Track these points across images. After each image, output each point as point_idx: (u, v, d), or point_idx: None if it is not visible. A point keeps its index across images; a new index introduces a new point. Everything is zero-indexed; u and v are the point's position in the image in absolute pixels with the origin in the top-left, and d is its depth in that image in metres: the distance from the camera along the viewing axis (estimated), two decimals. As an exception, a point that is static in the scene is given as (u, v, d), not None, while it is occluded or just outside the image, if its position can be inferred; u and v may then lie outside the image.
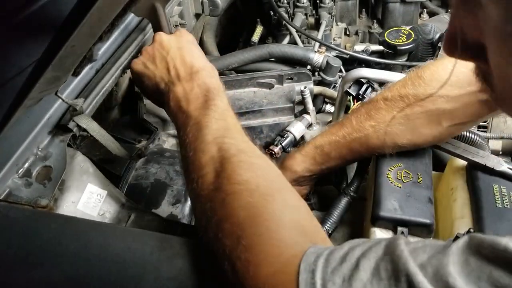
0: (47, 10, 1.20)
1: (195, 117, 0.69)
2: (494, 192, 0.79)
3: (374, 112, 0.82)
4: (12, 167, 0.79)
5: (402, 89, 0.79)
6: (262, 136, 1.19)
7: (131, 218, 0.79)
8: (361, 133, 0.83)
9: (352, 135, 0.84)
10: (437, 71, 0.77)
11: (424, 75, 0.78)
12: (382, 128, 0.81)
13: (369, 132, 0.83)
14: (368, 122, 0.83)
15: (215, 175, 0.61)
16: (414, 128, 0.80)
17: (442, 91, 0.75)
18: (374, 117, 0.82)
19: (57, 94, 0.87)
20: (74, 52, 0.77)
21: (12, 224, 0.72)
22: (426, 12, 1.73)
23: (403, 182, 0.82)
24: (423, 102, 0.77)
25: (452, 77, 0.74)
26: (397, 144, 0.82)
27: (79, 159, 0.86)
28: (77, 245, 0.68)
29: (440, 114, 0.78)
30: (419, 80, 0.78)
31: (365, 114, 0.83)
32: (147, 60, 0.83)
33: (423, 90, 0.77)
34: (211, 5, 1.37)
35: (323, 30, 1.46)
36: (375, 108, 0.82)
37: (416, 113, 0.79)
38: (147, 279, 0.63)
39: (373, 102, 0.83)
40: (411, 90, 0.78)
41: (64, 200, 0.80)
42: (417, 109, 0.78)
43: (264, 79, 1.19)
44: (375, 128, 0.82)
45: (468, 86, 0.74)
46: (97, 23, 0.76)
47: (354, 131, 0.84)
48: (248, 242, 0.52)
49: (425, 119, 0.79)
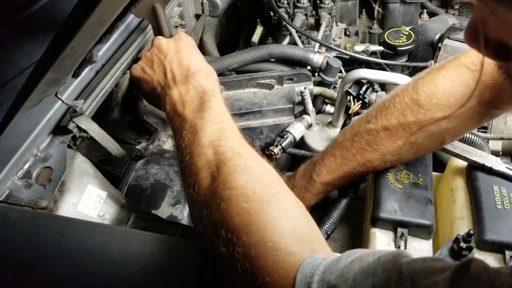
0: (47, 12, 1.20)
1: (191, 120, 0.69)
2: (494, 193, 0.79)
3: (376, 145, 0.81)
4: (12, 168, 0.79)
5: (401, 118, 0.78)
6: (262, 137, 1.19)
7: (131, 219, 0.79)
8: (369, 165, 0.83)
9: (359, 170, 0.84)
10: (434, 94, 0.76)
11: (421, 101, 0.76)
12: (389, 158, 0.82)
13: (376, 163, 0.83)
14: (373, 155, 0.82)
15: (211, 179, 0.60)
16: (419, 150, 0.81)
17: (443, 113, 0.75)
18: (378, 150, 0.81)
19: (57, 95, 0.87)
20: (74, 54, 0.76)
21: (12, 225, 0.72)
22: (426, 13, 1.73)
23: (403, 183, 0.82)
24: (426, 127, 0.77)
25: (450, 98, 0.75)
26: (400, 162, 0.85)
27: (79, 160, 0.86)
28: (77, 246, 0.68)
29: (443, 133, 0.79)
30: (418, 108, 0.76)
31: (368, 147, 0.82)
32: (145, 65, 0.83)
33: (423, 116, 0.76)
34: (211, 6, 1.37)
35: (323, 31, 1.46)
36: (377, 140, 0.81)
37: (421, 137, 0.79)
38: (147, 280, 0.63)
39: (372, 133, 0.81)
40: (412, 118, 0.77)
41: (64, 201, 0.80)
42: (421, 135, 0.78)
43: (264, 80, 1.19)
44: (383, 160, 0.82)
45: (467, 102, 0.74)
46: (97, 25, 0.76)
47: (361, 165, 0.83)
48: (244, 250, 0.52)
49: (429, 141, 0.80)
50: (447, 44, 1.19)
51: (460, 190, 0.85)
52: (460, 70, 0.76)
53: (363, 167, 0.83)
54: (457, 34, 1.20)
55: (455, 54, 1.15)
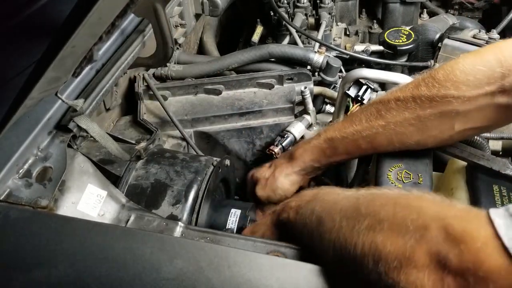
0: (47, 11, 1.20)
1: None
2: (494, 193, 0.79)
3: (384, 112, 0.81)
4: (12, 168, 0.79)
5: (415, 90, 0.77)
6: (263, 137, 1.19)
7: (131, 219, 0.79)
8: (370, 131, 0.83)
9: (361, 133, 0.84)
10: (452, 71, 0.74)
11: (437, 76, 0.75)
12: (392, 128, 0.80)
13: (379, 131, 0.82)
14: (378, 122, 0.82)
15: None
16: (425, 130, 0.79)
17: (458, 92, 0.73)
18: (384, 117, 0.81)
19: (57, 94, 0.87)
20: (74, 53, 0.77)
21: (12, 225, 0.72)
22: (426, 12, 1.74)
23: (404, 183, 0.82)
24: (437, 103, 0.75)
25: (469, 76, 0.72)
26: (404, 144, 0.82)
27: (79, 159, 0.86)
28: (77, 245, 0.68)
29: (453, 116, 0.75)
30: (433, 81, 0.75)
31: (375, 113, 0.82)
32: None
33: (437, 91, 0.74)
34: (211, 6, 1.37)
35: (323, 30, 1.46)
36: (386, 108, 0.81)
37: (428, 114, 0.76)
38: (147, 279, 0.63)
39: (384, 102, 0.82)
40: (425, 92, 0.76)
41: (64, 201, 0.79)
42: (429, 111, 0.76)
43: (264, 80, 1.19)
44: (385, 128, 0.81)
45: (487, 85, 0.71)
46: (97, 24, 0.76)
47: (363, 129, 0.83)
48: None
49: (437, 121, 0.77)
50: (447, 44, 1.19)
51: (460, 190, 0.85)
52: (484, 52, 0.74)
53: (366, 131, 0.83)
54: (457, 34, 1.20)
55: (455, 54, 1.17)
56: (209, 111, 1.17)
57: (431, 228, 0.49)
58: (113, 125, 1.18)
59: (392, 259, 0.50)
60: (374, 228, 0.54)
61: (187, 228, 0.75)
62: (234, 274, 0.62)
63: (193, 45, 1.55)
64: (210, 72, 1.26)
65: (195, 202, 0.89)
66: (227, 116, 1.17)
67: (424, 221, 0.50)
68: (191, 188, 0.90)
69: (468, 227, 0.47)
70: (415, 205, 0.54)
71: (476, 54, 0.75)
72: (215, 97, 1.19)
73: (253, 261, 0.64)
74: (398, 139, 0.82)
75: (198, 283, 0.62)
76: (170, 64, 1.26)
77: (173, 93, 1.19)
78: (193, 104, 1.18)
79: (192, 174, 0.92)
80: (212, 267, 0.63)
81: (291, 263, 0.65)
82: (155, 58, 1.16)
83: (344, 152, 0.89)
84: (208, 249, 0.66)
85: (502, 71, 0.70)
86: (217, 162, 0.96)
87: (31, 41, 1.19)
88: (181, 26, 1.37)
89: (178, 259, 0.64)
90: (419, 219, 0.51)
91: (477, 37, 1.18)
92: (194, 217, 0.87)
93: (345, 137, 0.86)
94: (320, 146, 0.91)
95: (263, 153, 1.17)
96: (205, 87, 1.19)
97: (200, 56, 1.41)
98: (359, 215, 0.57)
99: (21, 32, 1.33)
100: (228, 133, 1.18)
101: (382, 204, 0.57)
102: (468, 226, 0.47)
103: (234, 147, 1.20)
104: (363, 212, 0.57)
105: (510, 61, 0.70)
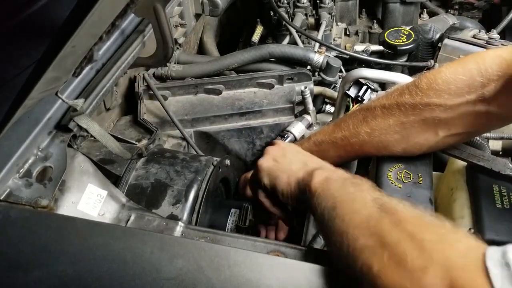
0: (47, 11, 1.20)
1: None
2: (494, 192, 0.79)
3: (370, 119, 0.82)
4: (13, 167, 0.79)
5: (399, 98, 0.79)
6: (263, 136, 1.19)
7: (131, 218, 0.79)
8: (357, 138, 0.83)
9: (349, 139, 0.85)
10: (435, 79, 0.75)
11: (421, 84, 0.77)
12: (377, 136, 0.81)
13: (365, 138, 0.83)
14: (364, 128, 0.82)
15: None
16: (409, 137, 0.80)
17: (439, 100, 0.74)
18: (370, 124, 0.82)
19: (57, 94, 0.87)
20: (75, 53, 0.77)
21: (12, 224, 0.72)
22: (426, 12, 1.74)
23: (404, 183, 0.82)
24: (420, 111, 0.76)
25: (450, 85, 0.74)
26: (391, 152, 0.83)
27: (79, 159, 0.86)
28: (77, 245, 0.68)
29: (436, 123, 0.77)
30: (416, 89, 0.77)
31: (362, 120, 0.83)
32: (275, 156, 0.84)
33: (420, 99, 0.76)
34: (211, 5, 1.37)
35: (323, 30, 1.46)
36: (372, 115, 0.82)
37: (411, 121, 0.78)
38: (147, 279, 0.63)
39: (371, 109, 0.82)
40: (408, 99, 0.77)
41: (64, 201, 0.80)
42: (412, 118, 0.78)
43: (264, 79, 1.19)
44: (370, 135, 0.82)
45: (467, 94, 0.73)
46: (98, 24, 0.76)
47: (351, 135, 0.84)
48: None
49: (420, 128, 0.78)
50: (447, 44, 1.19)
51: (460, 190, 0.85)
52: (466, 61, 0.75)
53: (353, 137, 0.84)
54: (457, 34, 1.20)
55: (455, 54, 1.17)
56: (209, 111, 1.17)
57: (429, 272, 0.50)
58: (113, 125, 1.18)
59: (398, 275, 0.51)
60: (376, 252, 0.55)
61: (187, 227, 0.75)
62: (234, 274, 0.62)
63: (193, 45, 1.55)
64: (210, 72, 1.26)
65: (195, 202, 0.89)
66: (227, 116, 1.17)
67: (424, 261, 0.51)
68: (191, 188, 0.90)
69: (467, 283, 0.47)
70: (419, 237, 0.54)
71: (458, 63, 0.77)
72: (215, 97, 1.19)
73: (254, 260, 0.64)
74: (384, 147, 0.82)
75: (198, 282, 0.62)
76: (170, 64, 1.26)
77: (173, 93, 1.19)
78: (193, 104, 1.19)
79: (192, 174, 0.92)
80: (212, 267, 0.63)
81: (292, 263, 0.65)
82: (155, 58, 1.16)
83: (335, 156, 0.89)
84: (208, 248, 0.66)
85: (482, 81, 0.72)
86: (217, 162, 0.96)
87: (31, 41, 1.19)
88: (181, 26, 1.37)
89: (178, 259, 0.64)
90: (419, 258, 0.51)
91: (477, 37, 1.18)
92: (194, 216, 0.88)
93: (335, 142, 0.87)
94: (310, 149, 0.90)
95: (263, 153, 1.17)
96: (205, 87, 1.19)
97: (200, 56, 1.42)
98: (367, 229, 0.58)
99: (21, 32, 1.33)
100: (228, 133, 1.18)
101: (391, 227, 0.57)
102: (467, 279, 0.48)
103: (234, 147, 1.20)
104: (371, 229, 0.58)
105: (490, 71, 0.72)
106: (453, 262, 0.49)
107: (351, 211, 0.62)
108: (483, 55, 0.75)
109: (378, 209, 0.61)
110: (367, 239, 0.57)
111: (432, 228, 0.56)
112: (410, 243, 0.53)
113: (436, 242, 0.53)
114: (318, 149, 0.90)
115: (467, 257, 0.50)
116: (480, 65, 0.73)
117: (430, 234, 0.54)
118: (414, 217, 0.58)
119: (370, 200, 0.63)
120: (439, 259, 0.50)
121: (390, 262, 0.53)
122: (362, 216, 0.60)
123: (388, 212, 0.60)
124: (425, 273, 0.50)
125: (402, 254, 0.53)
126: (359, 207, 0.62)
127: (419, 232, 0.55)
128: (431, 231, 0.55)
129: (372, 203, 0.62)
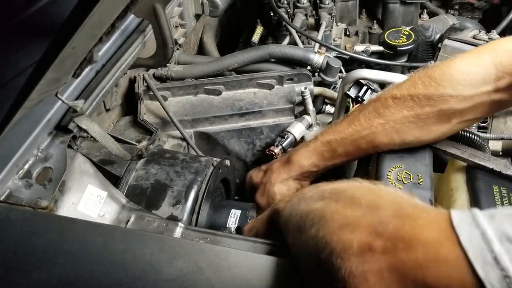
0: (47, 11, 1.20)
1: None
2: (494, 193, 0.79)
3: (382, 110, 0.82)
4: (13, 168, 0.79)
5: (412, 89, 0.78)
6: (263, 137, 1.19)
7: (131, 219, 0.79)
8: (369, 130, 0.83)
9: (360, 133, 0.84)
10: (448, 71, 0.76)
11: (434, 74, 0.77)
12: (391, 125, 0.81)
13: (378, 129, 0.82)
14: (377, 120, 0.82)
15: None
16: (424, 126, 0.80)
17: (455, 91, 0.74)
18: (383, 115, 0.81)
19: (57, 95, 0.87)
20: (75, 54, 0.77)
21: (12, 225, 0.72)
22: (426, 13, 1.74)
23: (404, 183, 0.82)
24: (435, 102, 0.76)
25: (465, 76, 0.74)
26: (404, 141, 0.82)
27: (79, 160, 0.86)
28: (77, 246, 0.68)
29: (451, 113, 0.77)
30: (430, 80, 0.77)
31: (373, 112, 0.83)
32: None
33: (434, 90, 0.76)
34: (211, 6, 1.37)
35: (323, 31, 1.46)
36: (384, 106, 0.82)
37: (427, 112, 0.78)
38: (147, 280, 0.63)
39: (382, 100, 0.82)
40: (422, 90, 0.77)
41: (64, 201, 0.80)
42: (428, 109, 0.77)
43: (264, 80, 1.19)
44: (384, 126, 0.82)
45: (482, 85, 0.73)
46: (98, 25, 0.76)
47: (363, 129, 0.84)
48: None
49: (435, 118, 0.79)
50: (447, 44, 1.19)
51: (460, 190, 0.85)
52: (480, 53, 0.76)
53: (365, 130, 0.83)
54: (457, 34, 1.20)
55: (455, 54, 1.16)
56: (209, 111, 1.17)
57: (382, 208, 0.49)
58: (113, 125, 1.18)
59: (335, 226, 0.50)
60: (330, 203, 0.54)
61: (187, 228, 0.75)
62: (234, 275, 0.62)
63: (193, 46, 1.55)
64: (210, 72, 1.26)
65: (195, 203, 0.89)
66: (227, 116, 1.17)
67: (379, 204, 0.50)
68: (191, 188, 0.90)
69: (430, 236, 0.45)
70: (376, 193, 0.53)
71: (473, 54, 0.77)
72: (215, 97, 1.19)
73: (253, 262, 0.64)
74: (398, 136, 0.82)
75: (198, 284, 0.62)
76: (170, 65, 1.26)
77: (173, 94, 1.19)
78: (193, 104, 1.19)
79: (192, 175, 0.92)
80: (212, 268, 0.63)
81: (292, 264, 0.65)
82: (155, 58, 1.16)
83: (343, 153, 0.89)
84: (208, 250, 0.66)
85: (496, 74, 0.72)
86: (217, 162, 0.96)
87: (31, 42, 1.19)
88: (181, 27, 1.37)
89: (178, 260, 0.64)
90: (375, 200, 0.50)
91: (477, 38, 1.18)
92: (194, 217, 0.88)
93: (344, 138, 0.87)
94: (318, 150, 0.91)
95: (263, 153, 1.18)
96: (205, 88, 1.19)
97: (200, 57, 1.42)
98: (322, 194, 0.57)
99: (21, 33, 1.33)
100: (228, 133, 1.18)
101: (344, 188, 0.56)
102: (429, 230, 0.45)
103: (234, 147, 1.20)
104: (326, 195, 0.57)
105: (504, 64, 0.72)
106: (415, 216, 0.47)
107: (305, 198, 0.61)
108: (497, 47, 0.75)
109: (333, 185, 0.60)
110: (321, 200, 0.55)
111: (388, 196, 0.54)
112: (367, 192, 0.53)
113: (393, 198, 0.52)
114: (326, 148, 0.90)
115: (424, 211, 0.48)
116: (495, 57, 0.73)
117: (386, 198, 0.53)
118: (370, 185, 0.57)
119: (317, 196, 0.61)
120: (395, 205, 0.49)
121: (345, 204, 0.52)
122: (315, 193, 0.59)
123: (332, 192, 0.58)
124: (379, 209, 0.49)
125: (357, 199, 0.52)
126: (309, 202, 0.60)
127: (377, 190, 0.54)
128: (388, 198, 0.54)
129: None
